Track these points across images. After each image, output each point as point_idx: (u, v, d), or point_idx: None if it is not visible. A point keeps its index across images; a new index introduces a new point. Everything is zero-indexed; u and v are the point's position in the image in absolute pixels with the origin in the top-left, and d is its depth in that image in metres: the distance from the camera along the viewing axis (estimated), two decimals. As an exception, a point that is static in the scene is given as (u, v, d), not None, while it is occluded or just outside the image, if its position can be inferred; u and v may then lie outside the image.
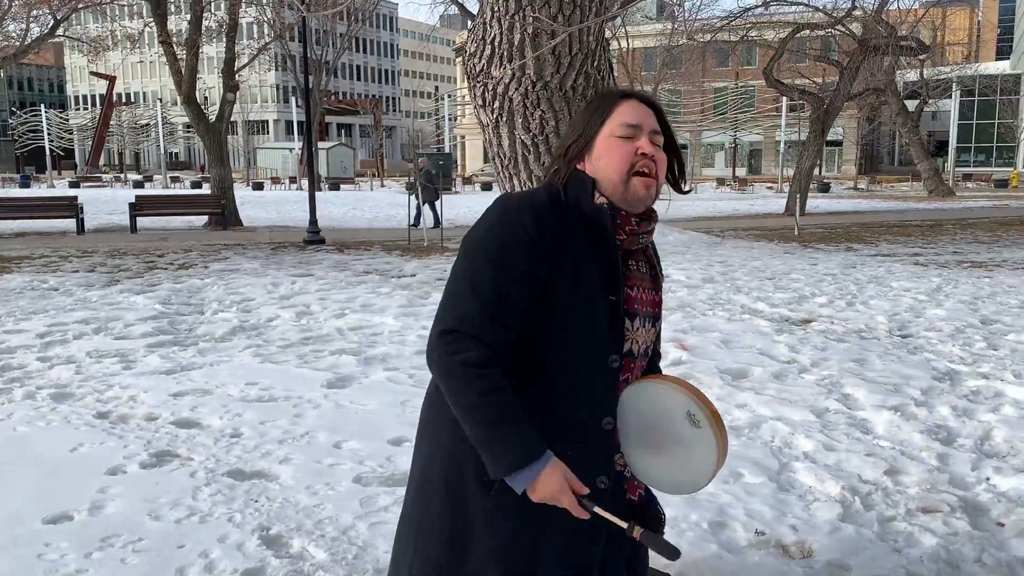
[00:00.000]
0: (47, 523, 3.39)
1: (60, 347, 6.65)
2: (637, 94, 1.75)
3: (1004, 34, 70.03)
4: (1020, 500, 3.67)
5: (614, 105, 1.71)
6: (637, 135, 1.68)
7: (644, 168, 1.66)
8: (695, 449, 1.60)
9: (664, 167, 1.71)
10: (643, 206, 1.69)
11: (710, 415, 1.59)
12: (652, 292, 1.76)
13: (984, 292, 9.35)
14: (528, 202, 1.65)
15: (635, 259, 1.74)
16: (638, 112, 1.70)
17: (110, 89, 64.85)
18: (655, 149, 1.69)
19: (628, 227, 1.69)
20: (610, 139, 1.68)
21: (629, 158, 1.66)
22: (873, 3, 22.11)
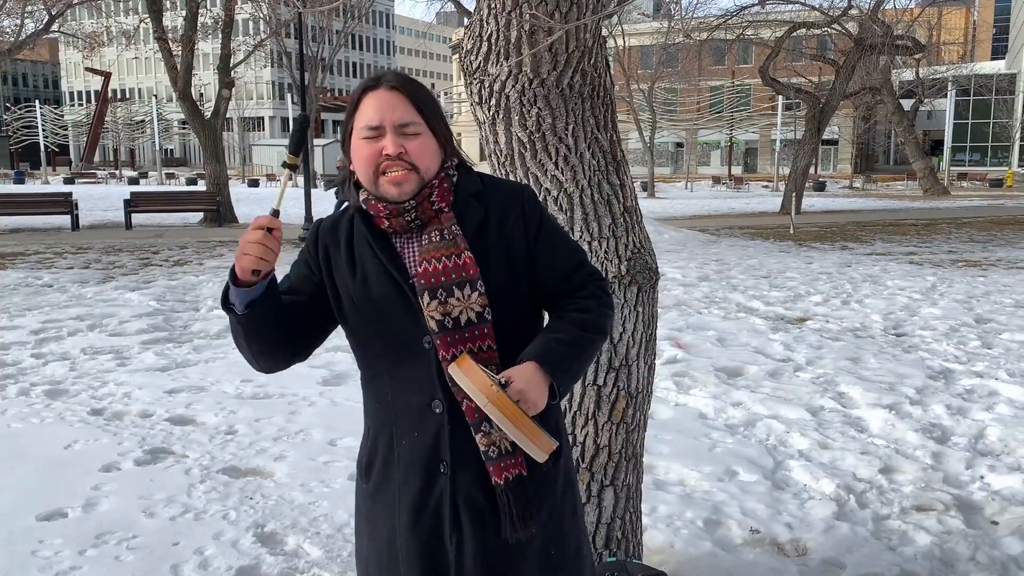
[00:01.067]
0: (41, 520, 3.38)
1: (54, 344, 6.63)
2: (383, 82, 1.64)
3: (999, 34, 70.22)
4: (1014, 498, 3.68)
5: (357, 105, 1.64)
6: (380, 134, 1.61)
7: (391, 170, 1.60)
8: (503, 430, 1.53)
9: (425, 154, 1.63)
10: (402, 199, 1.63)
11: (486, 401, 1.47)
12: (450, 258, 1.62)
13: (979, 291, 9.38)
14: (320, 220, 1.79)
15: (428, 232, 1.65)
16: (379, 108, 1.61)
17: (105, 85, 64.69)
18: (405, 141, 1.61)
19: (385, 213, 1.64)
20: (357, 141, 1.63)
21: (374, 161, 1.61)
22: (869, 2, 22.14)
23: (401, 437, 1.67)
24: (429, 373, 1.63)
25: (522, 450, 1.58)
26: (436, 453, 1.64)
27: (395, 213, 1.64)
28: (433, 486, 1.65)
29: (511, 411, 1.48)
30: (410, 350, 1.64)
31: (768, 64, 23.02)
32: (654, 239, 2.50)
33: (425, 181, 1.64)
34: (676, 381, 5.54)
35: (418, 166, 1.62)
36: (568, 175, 2.49)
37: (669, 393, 5.27)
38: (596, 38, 2.48)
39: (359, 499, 1.78)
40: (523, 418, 1.49)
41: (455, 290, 1.61)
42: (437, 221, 1.66)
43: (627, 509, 2.66)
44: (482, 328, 1.62)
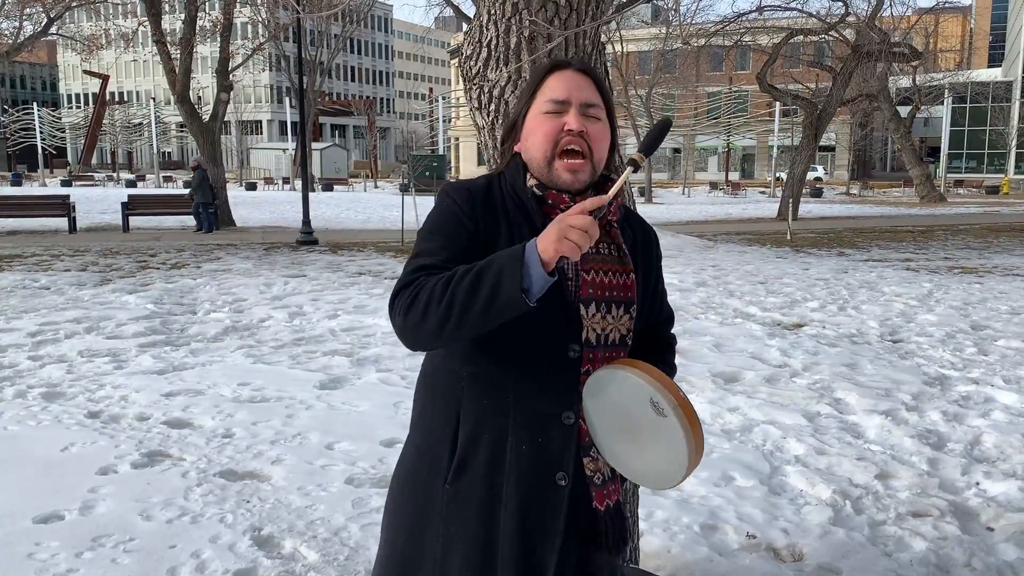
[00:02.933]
0: (38, 522, 3.38)
1: (51, 346, 6.62)
2: (571, 63, 1.62)
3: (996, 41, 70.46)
4: (1009, 505, 3.69)
5: (543, 79, 1.60)
6: (565, 110, 1.56)
7: (571, 145, 1.54)
8: (664, 440, 1.47)
9: (603, 142, 1.59)
10: (573, 188, 1.57)
11: (676, 403, 1.44)
12: (620, 276, 1.60)
13: (975, 297, 9.40)
14: (461, 186, 1.62)
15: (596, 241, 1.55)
16: (568, 84, 1.57)
17: (103, 88, 64.71)
18: (587, 123, 1.55)
19: (562, 205, 1.56)
20: (537, 116, 1.58)
21: (554, 136, 1.55)
22: (866, 9, 22.22)
23: (520, 443, 1.57)
24: (569, 383, 1.57)
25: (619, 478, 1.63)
26: (559, 465, 1.57)
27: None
28: (548, 496, 1.58)
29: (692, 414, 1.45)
30: (551, 356, 1.56)
31: (766, 70, 23.07)
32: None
33: (596, 175, 1.60)
34: (673, 386, 5.54)
35: (593, 152, 1.57)
36: (567, 180, 2.50)
37: (666, 398, 5.27)
38: (595, 44, 2.49)
39: (423, 498, 1.65)
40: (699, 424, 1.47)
41: (613, 308, 1.59)
42: (607, 232, 1.62)
43: (624, 514, 2.66)
44: (619, 351, 1.61)
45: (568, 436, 1.58)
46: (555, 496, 1.58)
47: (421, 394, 1.74)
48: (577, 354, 1.56)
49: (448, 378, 1.63)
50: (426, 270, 1.52)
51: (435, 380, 1.68)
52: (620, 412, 1.51)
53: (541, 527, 1.58)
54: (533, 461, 1.57)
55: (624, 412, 1.50)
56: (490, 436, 1.59)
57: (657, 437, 1.47)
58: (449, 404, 1.63)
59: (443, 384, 1.65)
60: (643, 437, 1.50)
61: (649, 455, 1.51)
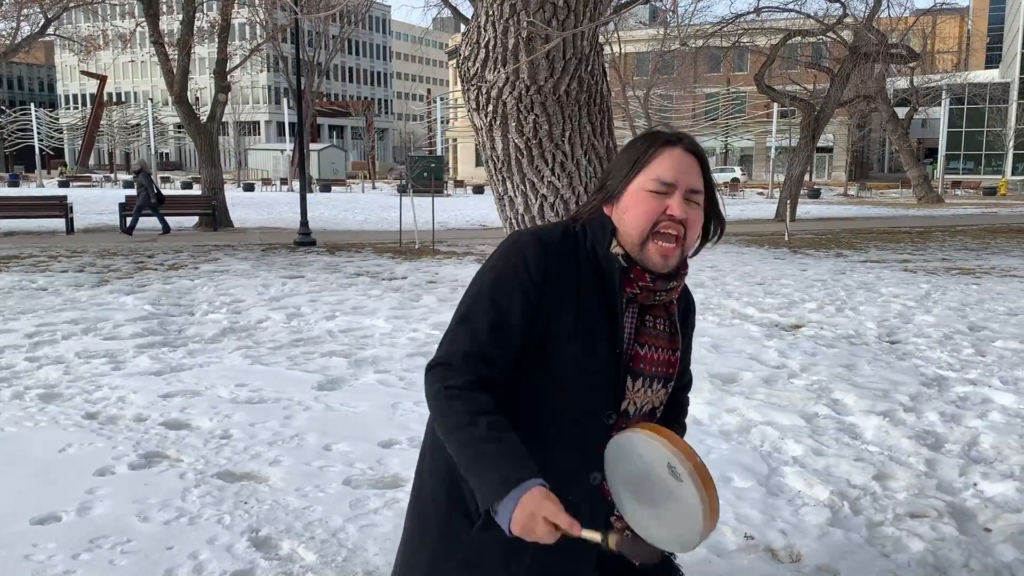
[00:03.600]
0: (35, 524, 3.37)
1: (49, 347, 6.61)
2: (683, 141, 1.59)
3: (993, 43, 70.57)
4: (1007, 505, 3.70)
5: (654, 154, 1.58)
6: (670, 192, 1.55)
7: (668, 230, 1.54)
8: (680, 504, 1.48)
9: (697, 227, 1.59)
10: (659, 271, 1.57)
11: (692, 468, 1.44)
12: (668, 352, 1.63)
13: (972, 299, 9.41)
14: (536, 239, 1.58)
15: (653, 315, 1.63)
16: (677, 166, 1.56)
17: (101, 89, 64.63)
18: (688, 210, 1.55)
19: (642, 282, 1.57)
20: (640, 192, 1.56)
21: (653, 217, 1.54)
22: (864, 10, 22.25)
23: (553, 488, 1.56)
24: (598, 446, 1.57)
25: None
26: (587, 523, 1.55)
27: (655, 288, 1.58)
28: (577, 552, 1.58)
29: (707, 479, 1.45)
30: (590, 418, 1.58)
31: (763, 72, 23.10)
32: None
33: (684, 257, 1.60)
34: (671, 387, 5.54)
35: (688, 239, 1.57)
36: (564, 181, 2.50)
37: (664, 399, 5.27)
38: (593, 45, 2.49)
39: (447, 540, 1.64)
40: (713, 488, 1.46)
41: (655, 382, 1.61)
42: (666, 308, 1.64)
43: (622, 515, 2.66)
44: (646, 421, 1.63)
45: (595, 496, 1.62)
46: (585, 553, 1.60)
47: None
48: (612, 421, 1.59)
49: None
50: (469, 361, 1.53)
51: None
52: (639, 476, 1.54)
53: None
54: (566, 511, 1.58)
55: (643, 476, 1.53)
56: None
57: (674, 501, 1.49)
58: None
59: None
60: (660, 501, 1.52)
61: (666, 519, 1.53)
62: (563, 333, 1.55)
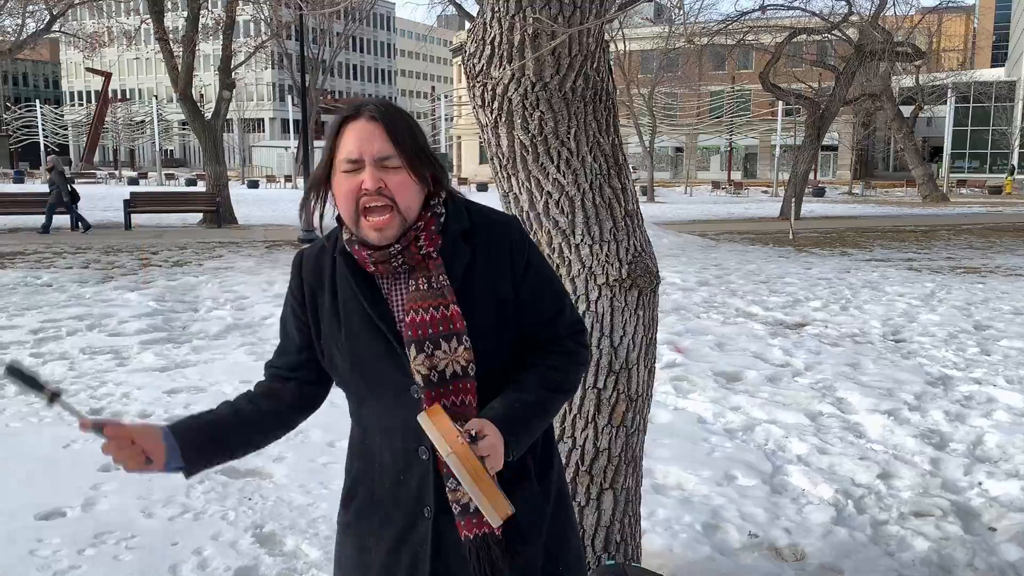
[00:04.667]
0: (40, 519, 3.38)
1: (53, 343, 6.63)
2: (363, 111, 1.56)
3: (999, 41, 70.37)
4: (1012, 505, 3.69)
5: (338, 135, 1.57)
6: (360, 167, 1.54)
7: (372, 203, 1.53)
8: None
9: (406, 190, 1.55)
10: (384, 243, 1.57)
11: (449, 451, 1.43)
12: (435, 310, 1.57)
13: (977, 298, 9.39)
14: (297, 255, 1.74)
15: (415, 277, 1.60)
16: (359, 139, 1.54)
17: (105, 85, 64.70)
18: (383, 176, 1.53)
19: (372, 259, 1.59)
20: (338, 176, 1.57)
21: (353, 196, 1.54)
22: (870, 8, 22.18)
23: (386, 481, 1.65)
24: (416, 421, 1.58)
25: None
26: (421, 498, 1.62)
27: (381, 259, 1.58)
28: (415, 530, 1.63)
29: (472, 466, 1.44)
30: (397, 397, 1.61)
31: (768, 70, 23.05)
32: (654, 243, 2.50)
33: (408, 221, 1.57)
34: (675, 385, 5.55)
35: (398, 203, 1.55)
36: (570, 179, 2.50)
37: (668, 397, 5.28)
38: (599, 42, 2.48)
39: (338, 529, 1.78)
40: (484, 476, 1.45)
41: (441, 343, 1.57)
42: (425, 266, 1.60)
43: (626, 512, 2.66)
44: (465, 383, 1.58)
45: (426, 470, 1.61)
46: (422, 528, 1.63)
47: None
48: (419, 394, 1.58)
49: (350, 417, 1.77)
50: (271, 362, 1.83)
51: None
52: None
53: (412, 560, 1.64)
54: (399, 496, 1.64)
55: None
56: (367, 475, 1.70)
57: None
58: (349, 443, 1.78)
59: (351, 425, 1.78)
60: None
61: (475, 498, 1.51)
62: (332, 329, 1.65)
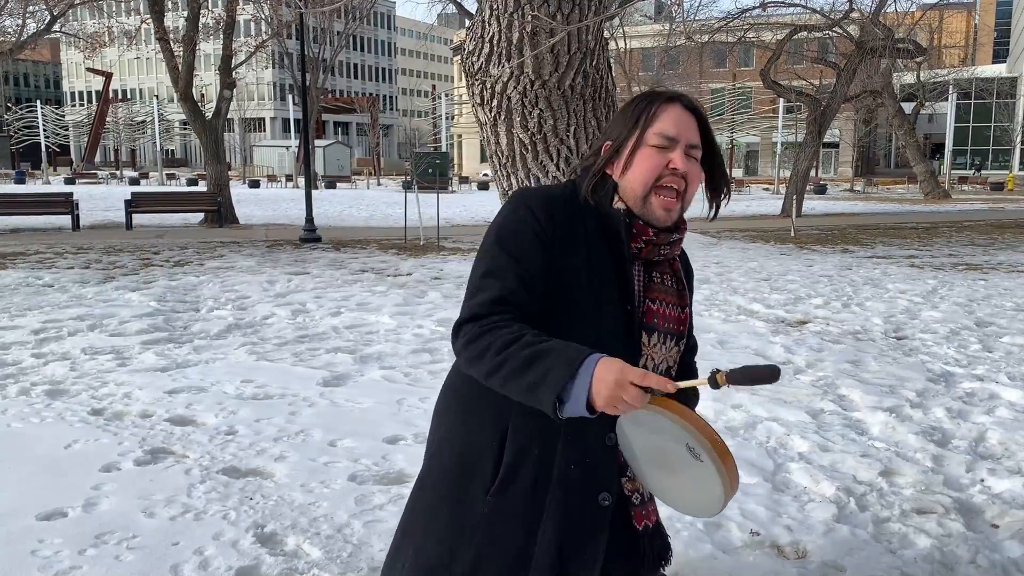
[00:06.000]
0: (41, 519, 3.38)
1: (55, 343, 6.63)
2: (682, 98, 1.63)
3: (1001, 37, 70.26)
4: (1014, 502, 3.68)
5: (656, 110, 1.61)
6: (672, 146, 1.58)
7: (671, 183, 1.58)
8: (700, 479, 1.50)
9: (696, 183, 1.63)
10: (661, 224, 1.61)
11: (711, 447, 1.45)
12: (677, 308, 1.66)
13: (979, 294, 9.37)
14: (541, 194, 1.62)
15: (660, 271, 1.66)
16: (679, 121, 1.59)
17: (106, 85, 64.71)
18: (689, 164, 1.59)
19: (645, 236, 1.60)
20: (643, 148, 1.59)
21: (657, 171, 1.58)
22: (870, 5, 22.15)
23: (568, 461, 1.59)
24: None
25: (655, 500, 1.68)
26: (603, 485, 1.61)
27: (659, 241, 1.62)
28: (591, 515, 1.61)
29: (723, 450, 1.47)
30: None
31: (769, 67, 23.03)
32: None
33: (683, 212, 1.64)
34: (676, 383, 5.53)
35: (687, 193, 1.61)
36: (570, 176, 2.49)
37: (669, 395, 5.26)
38: (598, 40, 2.48)
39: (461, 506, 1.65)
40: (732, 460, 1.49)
41: (668, 339, 1.63)
42: (670, 264, 1.67)
43: (627, 511, 2.66)
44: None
45: (611, 456, 1.61)
46: (599, 515, 1.61)
47: (459, 404, 1.72)
48: None
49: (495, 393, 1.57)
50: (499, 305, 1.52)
51: (479, 393, 1.62)
52: (656, 448, 1.53)
53: (580, 546, 1.60)
54: (579, 480, 1.60)
55: (660, 449, 1.53)
56: (539, 452, 1.60)
57: (693, 476, 1.50)
58: (497, 417, 1.62)
59: (489, 398, 1.60)
60: (679, 473, 1.52)
61: (685, 489, 1.54)
62: (577, 287, 1.56)
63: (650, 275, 1.65)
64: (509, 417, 1.61)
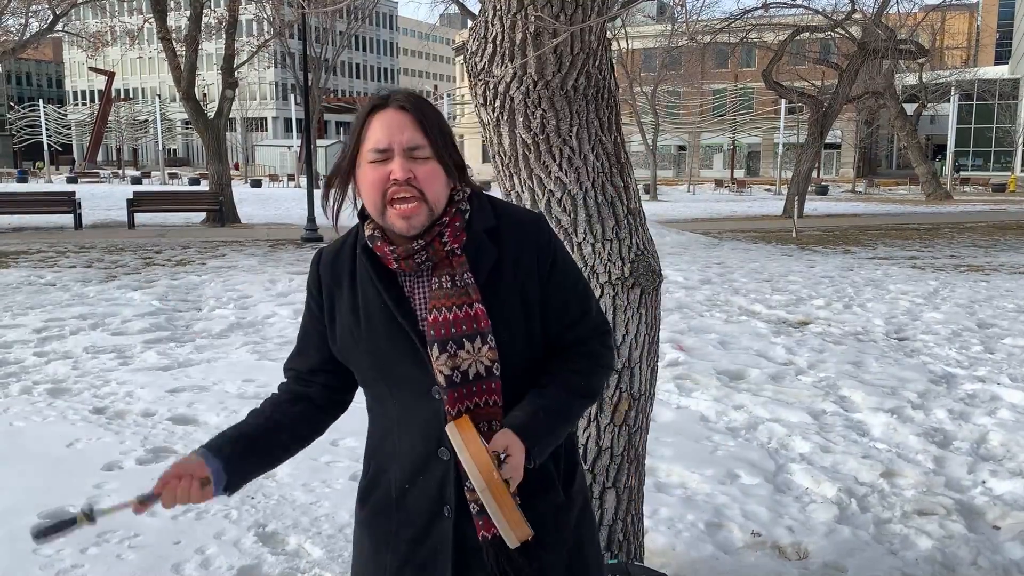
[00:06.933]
0: (43, 518, 3.38)
1: (57, 342, 6.63)
2: (391, 100, 1.54)
3: (1003, 39, 70.19)
4: (1016, 503, 3.68)
5: (365, 125, 1.55)
6: (389, 156, 1.51)
7: (399, 194, 1.50)
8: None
9: (434, 181, 1.53)
10: (408, 234, 1.54)
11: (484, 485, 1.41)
12: (459, 308, 1.54)
13: (981, 296, 9.37)
14: (316, 254, 1.72)
15: (438, 275, 1.56)
16: (388, 128, 1.52)
17: (108, 85, 64.75)
18: (412, 167, 1.51)
19: (394, 256, 1.55)
20: (364, 167, 1.54)
21: (381, 187, 1.51)
22: (873, 6, 22.14)
23: (405, 480, 1.62)
24: (438, 422, 1.55)
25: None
26: (441, 497, 1.59)
27: (404, 255, 1.55)
28: (434, 529, 1.61)
29: (499, 492, 1.42)
30: (418, 398, 1.57)
31: (771, 68, 23.02)
32: (656, 242, 2.50)
33: (435, 213, 1.55)
34: (678, 384, 5.54)
35: (427, 194, 1.52)
36: (572, 177, 2.49)
37: (671, 396, 5.27)
38: (601, 40, 2.48)
39: (355, 525, 1.76)
40: (507, 500, 1.43)
41: (465, 342, 1.53)
42: (448, 264, 1.57)
43: (629, 511, 2.66)
44: (490, 383, 1.55)
45: (446, 470, 1.58)
46: (442, 528, 1.60)
47: None
48: (440, 395, 1.55)
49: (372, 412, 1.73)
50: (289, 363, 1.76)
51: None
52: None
53: (431, 559, 1.61)
54: (419, 496, 1.61)
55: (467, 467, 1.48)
56: (386, 474, 1.66)
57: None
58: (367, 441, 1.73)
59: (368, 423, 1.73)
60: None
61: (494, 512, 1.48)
62: (350, 326, 1.61)
63: (429, 284, 1.59)
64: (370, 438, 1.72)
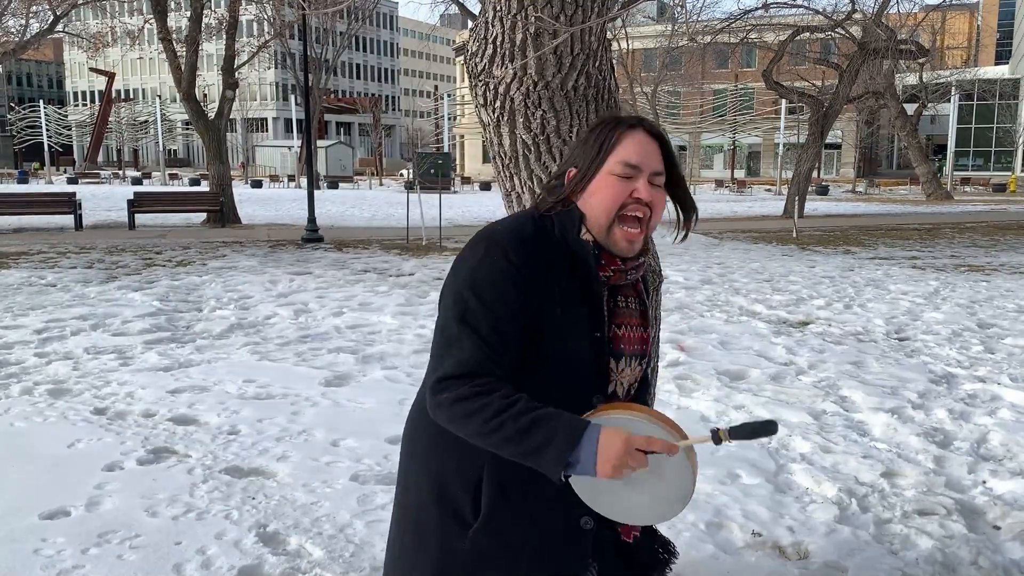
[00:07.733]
0: (44, 518, 3.38)
1: (58, 343, 6.64)
2: (645, 124, 1.62)
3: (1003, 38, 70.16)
4: (1016, 503, 3.68)
5: (618, 138, 1.60)
6: (636, 175, 1.58)
7: (635, 212, 1.57)
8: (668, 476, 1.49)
9: (661, 210, 1.63)
10: (626, 255, 1.61)
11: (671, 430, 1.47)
12: (640, 329, 1.67)
13: (981, 296, 9.37)
14: (512, 234, 1.59)
15: (624, 295, 1.67)
16: (642, 149, 1.59)
17: (109, 85, 64.80)
18: (653, 192, 1.59)
19: (613, 267, 1.62)
20: (607, 176, 1.59)
21: (621, 199, 1.57)
22: (873, 6, 22.14)
23: (545, 490, 1.55)
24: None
25: None
26: (584, 508, 1.58)
27: (626, 268, 1.63)
28: (575, 541, 1.62)
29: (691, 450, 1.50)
30: (576, 406, 1.54)
31: (771, 68, 23.02)
32: (657, 242, 2.50)
33: (648, 240, 1.64)
34: (678, 384, 5.54)
35: (652, 220, 1.61)
36: (572, 177, 2.49)
37: (671, 396, 5.28)
38: (601, 41, 2.48)
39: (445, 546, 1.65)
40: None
41: (633, 361, 1.65)
42: (633, 286, 1.70)
43: (629, 511, 2.66)
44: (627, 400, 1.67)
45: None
46: (583, 540, 1.63)
47: (430, 441, 1.68)
48: (599, 402, 1.61)
49: None
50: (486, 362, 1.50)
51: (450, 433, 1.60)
52: None
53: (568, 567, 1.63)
54: (558, 506, 1.60)
55: None
56: (517, 484, 1.59)
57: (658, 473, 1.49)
58: (474, 453, 1.59)
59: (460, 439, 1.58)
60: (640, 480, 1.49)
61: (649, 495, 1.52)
62: (551, 323, 1.56)
63: (615, 300, 1.66)
64: (484, 457, 1.59)
